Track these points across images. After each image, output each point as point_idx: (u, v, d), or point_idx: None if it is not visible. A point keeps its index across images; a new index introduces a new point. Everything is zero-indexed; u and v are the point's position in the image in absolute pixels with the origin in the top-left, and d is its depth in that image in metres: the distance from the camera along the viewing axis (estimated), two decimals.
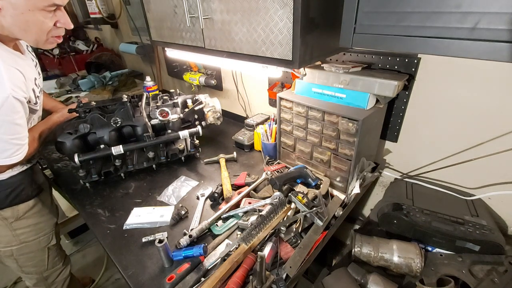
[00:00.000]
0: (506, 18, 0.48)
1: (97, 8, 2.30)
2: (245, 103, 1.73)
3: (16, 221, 1.04)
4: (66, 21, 0.84)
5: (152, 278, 0.80)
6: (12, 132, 0.82)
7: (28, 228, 1.09)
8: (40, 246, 1.16)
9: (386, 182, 1.25)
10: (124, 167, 1.24)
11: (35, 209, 1.10)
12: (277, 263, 0.81)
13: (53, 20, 0.81)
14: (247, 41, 0.88)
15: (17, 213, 1.04)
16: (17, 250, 1.10)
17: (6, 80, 0.77)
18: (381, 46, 0.65)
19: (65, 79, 2.55)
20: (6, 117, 0.78)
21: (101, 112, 1.20)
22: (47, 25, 0.80)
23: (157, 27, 1.24)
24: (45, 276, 1.23)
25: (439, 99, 0.98)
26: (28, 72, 0.89)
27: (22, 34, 0.80)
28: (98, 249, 2.06)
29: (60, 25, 0.84)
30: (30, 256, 1.14)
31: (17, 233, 1.06)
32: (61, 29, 0.85)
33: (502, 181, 0.94)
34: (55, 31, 0.84)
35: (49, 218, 1.18)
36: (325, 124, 1.02)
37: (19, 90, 0.80)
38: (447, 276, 0.78)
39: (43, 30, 0.81)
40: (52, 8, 0.79)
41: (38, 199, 1.12)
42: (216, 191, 1.10)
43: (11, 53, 0.85)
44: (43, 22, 0.79)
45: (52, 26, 0.82)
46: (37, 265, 1.19)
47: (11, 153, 0.84)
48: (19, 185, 1.01)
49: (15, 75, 0.81)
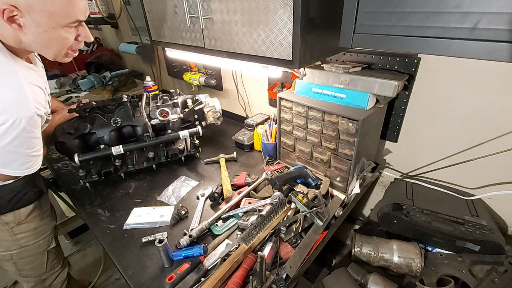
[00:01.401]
0: (506, 18, 0.48)
1: (97, 8, 2.30)
2: (245, 103, 1.73)
3: (17, 225, 1.03)
4: (87, 35, 0.84)
5: (152, 278, 0.80)
6: (32, 146, 0.83)
7: (28, 232, 1.08)
8: (40, 249, 1.15)
9: (386, 182, 1.25)
10: (124, 167, 1.24)
11: (36, 213, 1.09)
12: (277, 263, 0.81)
13: (74, 35, 0.81)
14: (247, 41, 0.88)
15: (19, 217, 1.03)
16: (16, 254, 1.09)
17: (31, 100, 0.77)
18: (381, 46, 0.65)
19: (65, 79, 2.55)
20: (29, 134, 0.79)
21: (101, 112, 1.20)
22: (69, 40, 0.79)
23: (157, 27, 1.24)
24: (43, 279, 1.22)
25: (439, 99, 0.98)
26: (42, 83, 0.88)
27: (43, 50, 0.80)
28: (98, 249, 2.06)
29: (81, 39, 0.84)
30: (29, 260, 1.14)
31: (17, 238, 1.06)
32: (81, 43, 0.85)
33: (502, 181, 0.94)
34: (75, 45, 0.84)
35: (48, 221, 1.17)
36: (325, 124, 1.02)
37: (41, 107, 0.81)
38: (447, 276, 0.78)
39: (64, 46, 0.80)
40: (75, 25, 0.78)
41: (38, 202, 1.11)
42: (216, 191, 1.10)
43: (29, 69, 0.84)
44: (66, 39, 0.78)
45: (74, 41, 0.82)
46: (35, 268, 1.18)
47: (30, 165, 0.86)
48: (22, 188, 1.01)
49: (36, 93, 0.81)
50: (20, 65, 0.80)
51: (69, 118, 1.17)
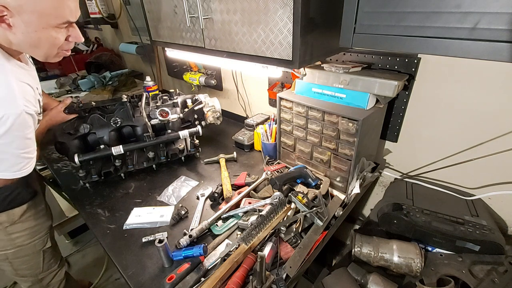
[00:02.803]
0: (506, 18, 0.48)
1: (97, 8, 2.30)
2: (245, 103, 1.73)
3: (11, 225, 1.03)
4: (78, 35, 0.83)
5: (152, 278, 0.80)
6: (24, 146, 0.81)
7: (23, 232, 1.08)
8: (35, 249, 1.15)
9: (386, 182, 1.25)
10: (124, 167, 1.24)
11: (30, 213, 1.09)
12: (277, 263, 0.81)
13: (65, 35, 0.80)
14: (247, 41, 0.88)
15: (13, 217, 1.03)
16: (12, 254, 1.09)
17: (19, 97, 0.76)
18: (381, 46, 0.65)
19: (65, 79, 2.55)
20: (19, 132, 0.78)
21: (101, 112, 1.20)
22: (59, 40, 0.79)
23: (157, 27, 1.24)
24: (40, 279, 1.23)
25: (439, 99, 0.98)
26: (33, 83, 0.88)
27: (32, 50, 0.79)
28: (98, 249, 2.06)
29: (72, 40, 0.83)
30: (25, 260, 1.13)
31: (12, 238, 1.06)
32: (71, 43, 0.84)
33: (502, 181, 0.94)
34: (66, 46, 0.83)
35: (44, 221, 1.17)
36: (325, 124, 1.02)
37: (30, 105, 0.80)
38: (447, 276, 0.78)
39: (55, 46, 0.79)
40: (65, 25, 0.77)
41: (33, 202, 1.10)
42: (216, 191, 1.10)
43: (20, 67, 0.84)
44: (56, 38, 0.77)
45: (64, 41, 0.81)
46: (31, 268, 1.18)
47: (21, 166, 0.83)
48: (15, 188, 1.00)
49: (26, 90, 0.80)
50: (11, 63, 0.79)
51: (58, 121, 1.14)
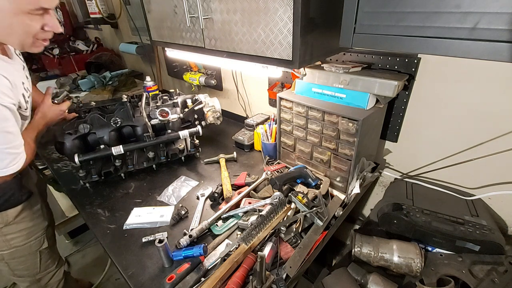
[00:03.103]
0: (506, 18, 0.48)
1: (97, 8, 2.30)
2: (245, 103, 1.73)
3: (5, 226, 1.02)
4: (54, 25, 0.80)
5: (152, 278, 0.80)
6: (5, 141, 0.78)
7: (18, 233, 1.07)
8: (32, 250, 1.14)
9: (386, 182, 1.25)
10: (124, 167, 1.24)
11: (25, 214, 1.08)
12: (277, 263, 0.81)
13: (40, 23, 0.77)
14: (247, 41, 0.88)
15: (7, 218, 1.02)
16: (8, 255, 1.08)
17: None
18: (381, 46, 0.65)
19: (65, 79, 2.55)
20: None
21: (101, 112, 1.20)
22: (33, 28, 0.76)
23: (157, 27, 1.23)
24: (37, 279, 1.22)
25: (439, 99, 0.98)
26: (16, 77, 0.85)
27: (6, 38, 0.77)
28: (98, 249, 2.06)
29: (48, 29, 0.80)
30: (21, 260, 1.13)
31: (7, 238, 1.05)
32: (49, 33, 0.82)
33: (502, 181, 0.94)
34: (42, 35, 0.80)
35: (39, 222, 1.16)
36: (325, 124, 1.02)
37: (5, 97, 0.77)
38: (447, 276, 0.78)
39: (28, 34, 0.77)
40: (39, 12, 0.75)
41: (28, 203, 1.09)
42: (216, 191, 1.10)
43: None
44: (30, 26, 0.75)
45: (39, 30, 0.78)
46: (29, 268, 1.17)
47: (7, 163, 0.80)
48: (8, 190, 0.98)
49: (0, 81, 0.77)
50: None
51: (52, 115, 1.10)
